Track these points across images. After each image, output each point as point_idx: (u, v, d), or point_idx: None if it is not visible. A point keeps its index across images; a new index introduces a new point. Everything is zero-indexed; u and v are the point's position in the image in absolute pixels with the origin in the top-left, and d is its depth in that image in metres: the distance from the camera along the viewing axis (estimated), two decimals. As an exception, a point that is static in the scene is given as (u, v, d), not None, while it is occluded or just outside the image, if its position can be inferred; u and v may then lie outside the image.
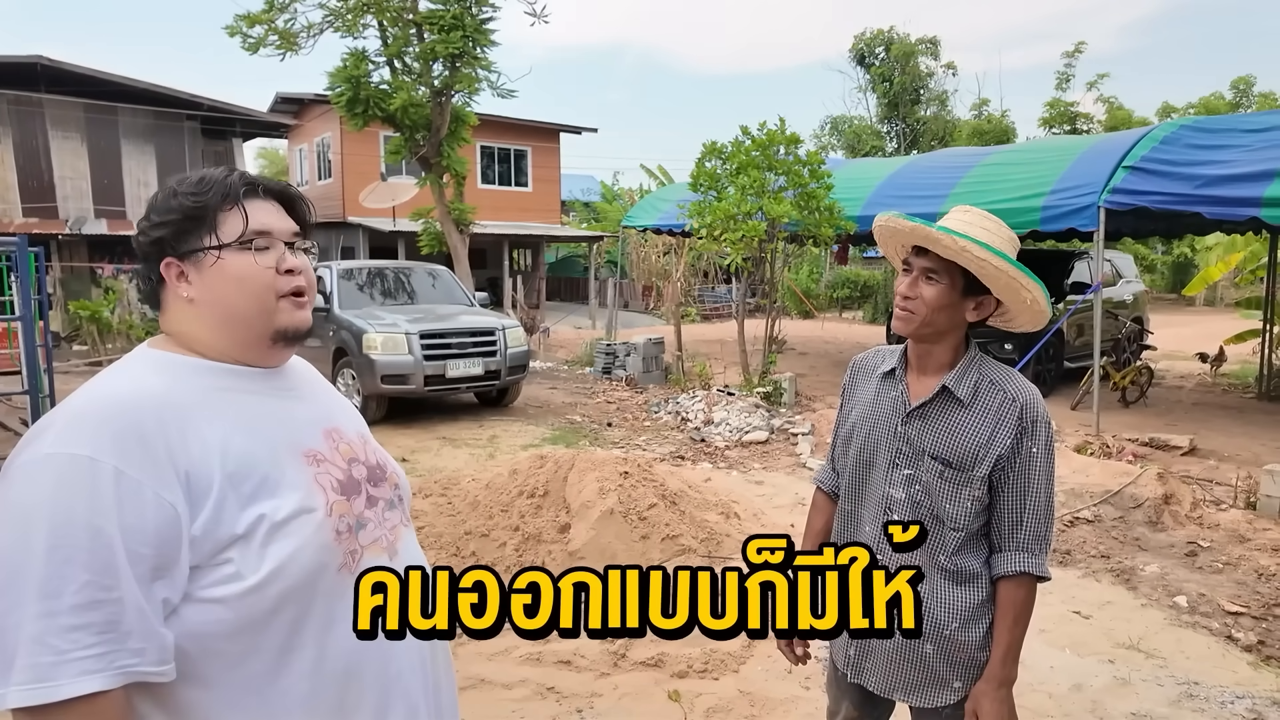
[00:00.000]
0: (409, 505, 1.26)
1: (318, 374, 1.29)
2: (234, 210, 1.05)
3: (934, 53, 28.28)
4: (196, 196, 1.04)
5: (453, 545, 3.96)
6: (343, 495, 1.06)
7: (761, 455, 6.70)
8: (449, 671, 1.23)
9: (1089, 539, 4.52)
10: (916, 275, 1.51)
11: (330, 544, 1.02)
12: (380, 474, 1.17)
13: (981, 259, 1.43)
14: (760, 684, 3.01)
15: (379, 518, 1.12)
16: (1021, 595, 1.50)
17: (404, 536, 1.17)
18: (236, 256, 1.04)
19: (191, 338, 1.07)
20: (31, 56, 14.42)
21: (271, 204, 1.10)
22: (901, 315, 1.53)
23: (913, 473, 1.56)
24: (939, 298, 1.49)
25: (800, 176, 8.95)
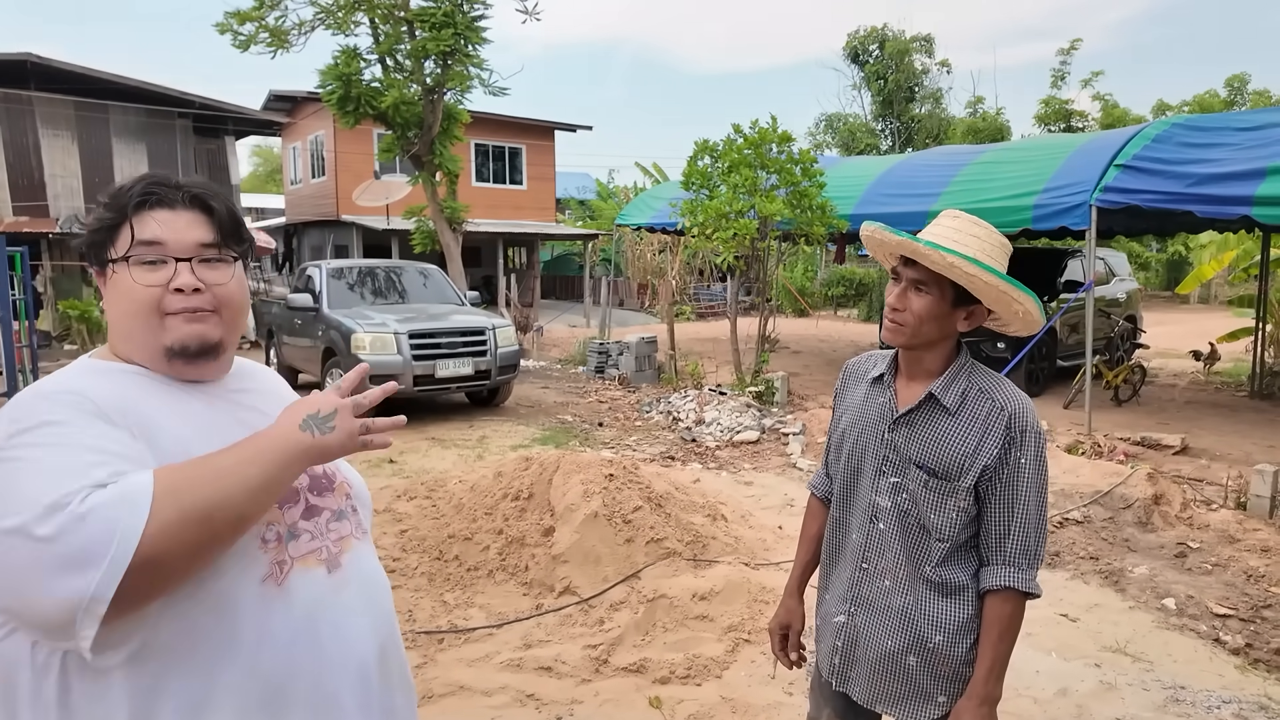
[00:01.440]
0: (368, 516, 1.23)
1: (271, 379, 1.27)
2: (126, 223, 1.03)
3: (928, 50, 28.26)
4: (105, 208, 1.05)
5: (436, 549, 3.92)
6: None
7: (752, 455, 6.67)
8: (406, 692, 1.19)
9: (1078, 540, 4.50)
10: (905, 286, 1.47)
11: (254, 552, 0.99)
12: (326, 483, 1.14)
13: (971, 274, 1.40)
14: (743, 690, 2.98)
15: (319, 528, 1.09)
16: (1008, 611, 1.46)
17: (353, 549, 1.13)
18: (125, 272, 1.03)
19: (114, 343, 1.09)
20: (20, 54, 14.31)
21: (184, 212, 1.06)
22: (890, 327, 1.49)
23: (899, 481, 1.53)
24: (929, 309, 1.45)
25: (792, 175, 8.92)
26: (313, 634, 1.02)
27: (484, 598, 3.62)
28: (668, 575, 3.61)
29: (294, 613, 1.01)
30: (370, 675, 1.09)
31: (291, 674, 1.00)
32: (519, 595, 3.63)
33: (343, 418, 0.97)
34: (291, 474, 0.95)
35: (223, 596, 0.95)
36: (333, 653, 1.04)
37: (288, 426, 0.95)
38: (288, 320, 9.02)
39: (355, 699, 1.06)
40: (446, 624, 3.41)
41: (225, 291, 1.07)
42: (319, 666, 1.02)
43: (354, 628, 1.07)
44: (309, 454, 0.95)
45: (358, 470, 4.03)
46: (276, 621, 0.99)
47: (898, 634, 1.52)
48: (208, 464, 0.90)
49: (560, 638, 3.31)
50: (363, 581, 1.12)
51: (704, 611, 3.42)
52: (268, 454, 0.92)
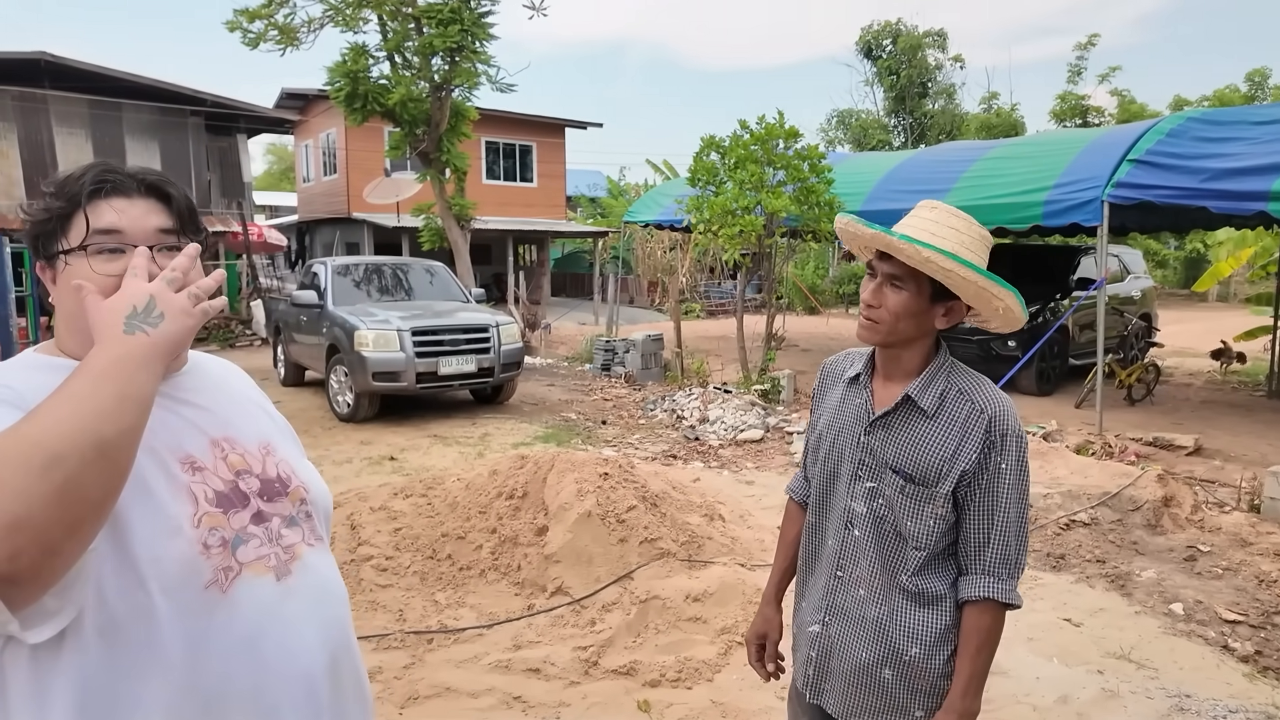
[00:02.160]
0: (325, 522, 1.18)
1: (233, 378, 1.22)
2: (79, 212, 0.98)
3: (942, 45, 27.99)
4: (52, 198, 1.00)
5: (429, 547, 3.89)
6: (218, 508, 0.99)
7: (755, 454, 6.60)
8: (361, 705, 1.14)
9: (1084, 543, 4.40)
10: (881, 282, 1.41)
11: (194, 559, 0.94)
12: (279, 488, 1.09)
13: (948, 270, 1.33)
14: (734, 694, 2.92)
15: (269, 535, 1.04)
16: (986, 622, 1.39)
17: (304, 557, 1.08)
18: (79, 261, 0.98)
19: (61, 339, 1.04)
20: (35, 52, 14.45)
21: (140, 200, 1.02)
22: (865, 324, 1.43)
23: (875, 486, 1.47)
24: (904, 305, 1.39)
25: (799, 170, 8.83)
26: (256, 644, 0.98)
27: (475, 597, 3.58)
28: (661, 576, 3.55)
29: (237, 622, 0.97)
30: (318, 688, 1.04)
31: (230, 684, 0.95)
32: (511, 595, 3.59)
33: (165, 301, 0.88)
34: (145, 381, 0.83)
35: (157, 602, 0.91)
36: (276, 664, 0.99)
37: (112, 337, 0.84)
38: (294, 317, 9.04)
39: (299, 713, 1.01)
40: (437, 624, 3.37)
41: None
42: (260, 678, 0.98)
43: (301, 639, 1.03)
44: (153, 353, 0.85)
45: (357, 466, 3.99)
46: (217, 629, 0.95)
47: (872, 645, 1.46)
48: (44, 405, 0.79)
49: (550, 639, 3.26)
50: (313, 590, 1.08)
51: (697, 613, 3.37)
52: (109, 372, 0.81)
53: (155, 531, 0.92)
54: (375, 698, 2.14)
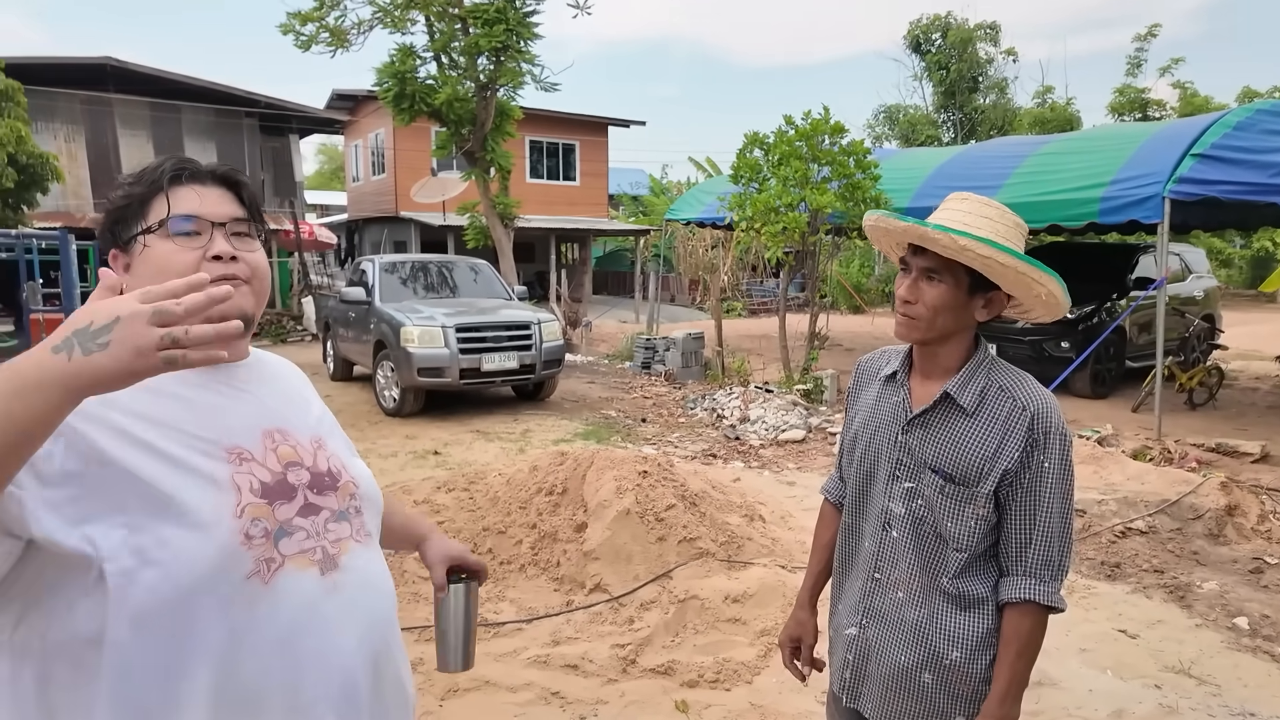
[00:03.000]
0: (376, 518, 1.17)
1: (289, 372, 1.23)
2: (160, 196, 1.02)
3: (993, 39, 27.25)
4: (132, 185, 1.04)
5: (470, 541, 3.93)
6: (263, 498, 0.99)
7: (797, 455, 6.52)
8: (402, 708, 1.13)
9: (1141, 551, 4.24)
10: (916, 276, 1.37)
11: (235, 548, 0.94)
12: (329, 482, 1.09)
13: (986, 257, 1.29)
14: (773, 697, 2.88)
15: (316, 528, 1.04)
16: (1027, 625, 1.35)
17: (351, 551, 1.07)
18: (160, 242, 1.01)
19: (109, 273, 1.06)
20: (101, 58, 15.03)
21: (213, 189, 1.07)
22: (903, 321, 1.39)
23: (913, 486, 1.43)
24: (943, 299, 1.35)
25: (845, 166, 8.70)
26: (296, 639, 0.97)
27: (515, 592, 3.61)
28: (700, 576, 3.53)
29: (278, 615, 0.96)
30: (357, 688, 1.03)
31: (268, 679, 0.95)
32: (550, 591, 3.60)
33: (126, 328, 0.70)
34: (32, 408, 0.70)
35: (193, 593, 0.91)
36: (315, 661, 0.99)
37: (43, 345, 0.72)
38: (342, 313, 9.24)
39: (337, 711, 1.00)
40: (478, 618, 3.40)
41: (255, 259, 1.07)
42: (298, 674, 0.97)
43: (342, 636, 1.02)
44: (61, 382, 0.70)
45: (402, 460, 4.03)
46: (258, 622, 0.95)
47: (911, 649, 1.42)
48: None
49: (589, 635, 3.27)
50: (360, 587, 1.06)
51: (736, 614, 3.34)
52: (5, 379, 0.71)
53: (195, 520, 0.93)
54: (416, 689, 2.18)
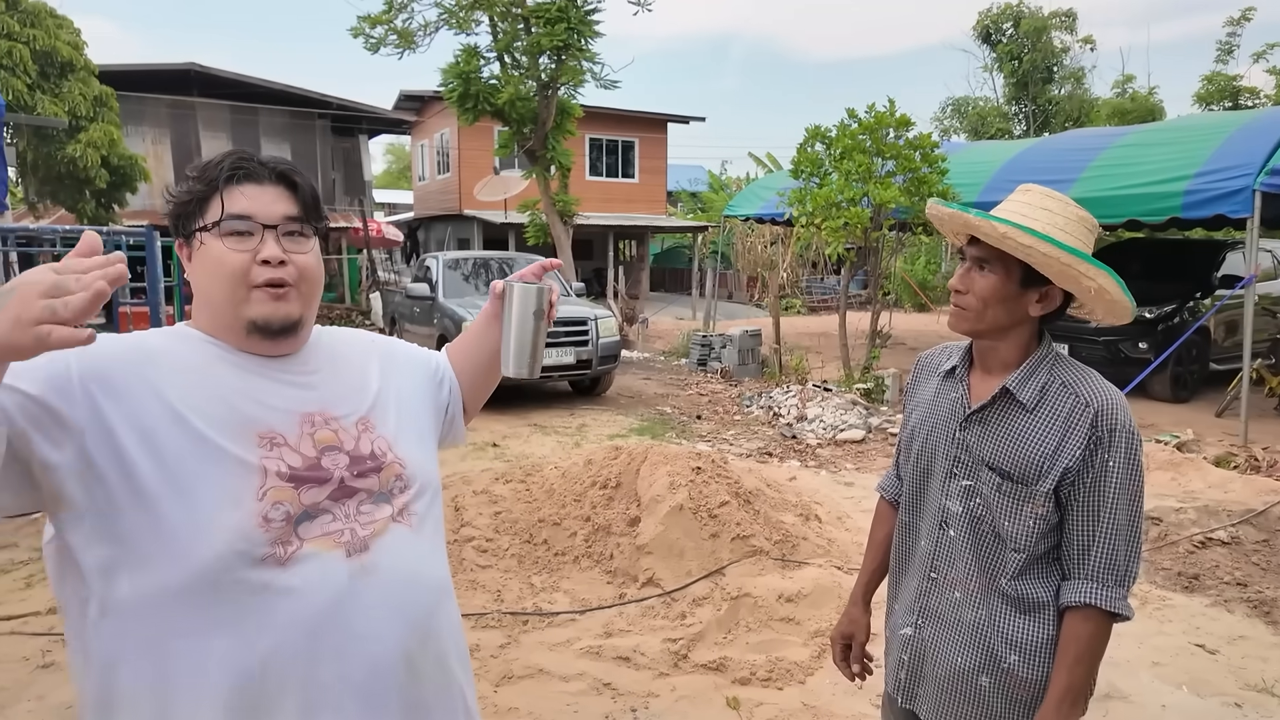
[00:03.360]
0: (429, 501, 1.14)
1: (356, 351, 1.21)
2: (217, 195, 1.04)
3: (1070, 27, 26.08)
4: (193, 181, 1.06)
5: (527, 532, 3.99)
6: (289, 482, 0.99)
7: (855, 455, 6.41)
8: (445, 694, 1.10)
9: (1223, 563, 4.02)
10: (969, 266, 1.36)
11: (251, 530, 0.94)
12: (371, 464, 1.07)
13: (1027, 245, 1.25)
14: (826, 698, 2.85)
15: (347, 511, 1.03)
16: (1087, 631, 1.30)
17: (390, 533, 1.05)
18: (214, 241, 1.03)
19: (195, 315, 1.10)
20: (185, 64, 15.81)
21: (270, 187, 1.07)
22: (954, 311, 1.38)
23: (971, 484, 1.39)
24: (993, 290, 1.32)
25: (910, 160, 8.49)
26: (315, 622, 0.96)
27: (569, 583, 3.66)
28: (753, 574, 3.51)
29: (296, 598, 0.95)
30: (386, 676, 1.00)
31: (280, 659, 0.95)
32: (603, 583, 3.63)
33: (16, 300, 0.69)
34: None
35: (204, 573, 0.92)
36: (336, 644, 0.97)
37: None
38: (408, 308, 9.51)
39: (358, 698, 0.98)
40: (532, 606, 3.46)
41: (305, 262, 1.07)
42: (315, 656, 0.96)
43: (370, 619, 1.00)
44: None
45: (462, 451, 4.08)
46: (273, 604, 0.95)
47: (969, 651, 1.39)
48: None
49: (641, 629, 3.29)
50: (393, 570, 1.04)
51: (790, 614, 3.31)
52: None
53: (216, 502, 0.94)
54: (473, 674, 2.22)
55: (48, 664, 3.01)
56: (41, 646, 3.15)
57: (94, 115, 10.65)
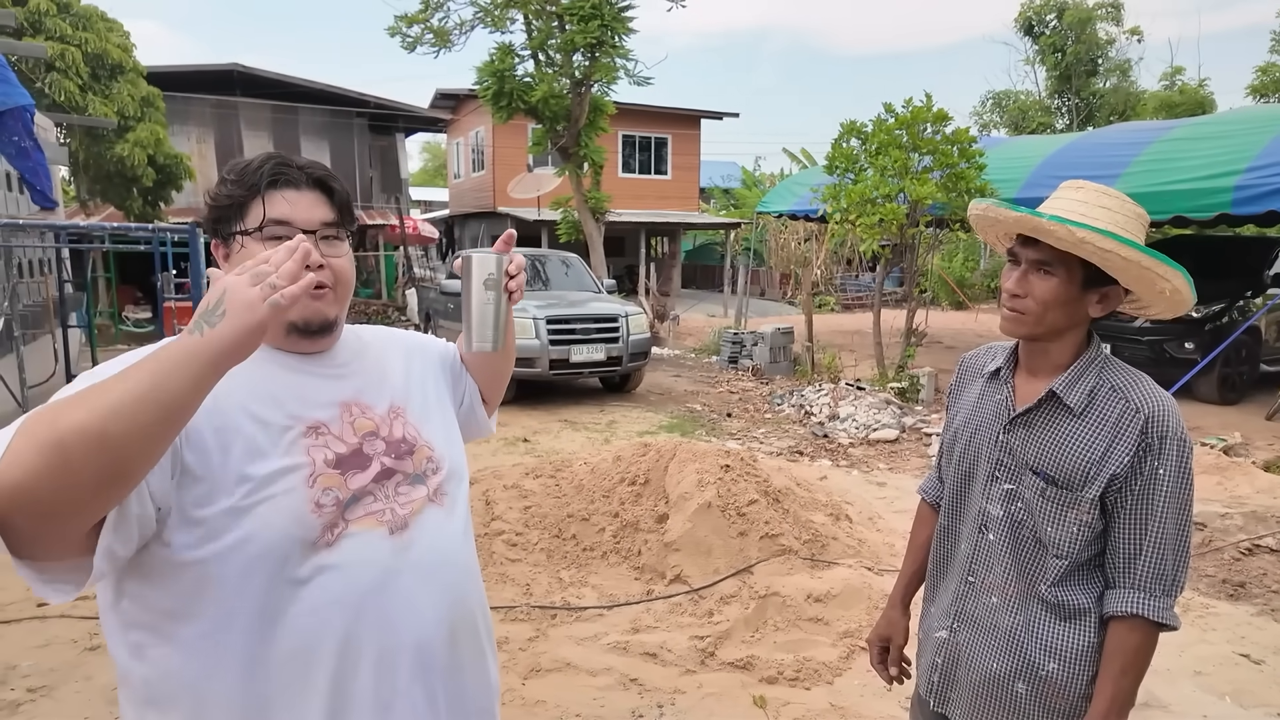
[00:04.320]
0: (457, 484, 1.19)
1: (382, 345, 1.25)
2: (257, 200, 1.07)
3: (1115, 18, 25.34)
4: (233, 185, 1.09)
5: (556, 526, 4.02)
6: (335, 469, 1.04)
7: (889, 455, 6.33)
8: (480, 678, 1.16)
9: (1270, 571, 3.89)
10: (1026, 269, 1.30)
11: (305, 515, 0.99)
12: (404, 448, 1.13)
13: (1107, 250, 1.21)
14: (855, 699, 2.82)
15: (387, 492, 1.08)
16: (1134, 642, 1.26)
17: (426, 512, 1.11)
18: (254, 245, 1.06)
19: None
20: (228, 64, 16.18)
21: (308, 192, 1.10)
22: (1010, 316, 1.33)
23: (1013, 488, 1.37)
24: (1054, 293, 1.27)
25: (948, 155, 8.34)
26: (363, 597, 1.01)
27: (597, 578, 3.67)
28: (782, 573, 3.49)
29: (343, 574, 1.01)
30: (432, 652, 1.07)
31: (328, 635, 0.99)
32: (630, 579, 3.64)
33: (232, 296, 0.81)
34: (180, 385, 0.79)
35: (263, 558, 0.96)
36: (385, 618, 1.02)
37: (181, 334, 0.82)
38: (443, 304, 9.62)
39: (411, 670, 1.04)
40: (561, 600, 3.49)
41: (340, 265, 1.11)
42: (362, 630, 1.01)
43: (417, 596, 1.05)
44: (199, 356, 0.80)
45: (493, 446, 4.12)
46: (323, 581, 0.99)
47: (1005, 656, 1.36)
48: (98, 384, 0.80)
49: (668, 625, 3.29)
50: (431, 548, 1.09)
51: (818, 614, 3.28)
52: (145, 368, 0.79)
53: (273, 491, 0.98)
54: (500, 667, 2.24)
55: (95, 646, 3.12)
56: (89, 629, 3.26)
57: (141, 115, 10.95)
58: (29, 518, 0.76)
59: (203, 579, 0.95)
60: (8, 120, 5.11)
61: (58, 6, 9.86)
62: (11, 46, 5.67)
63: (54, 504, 0.76)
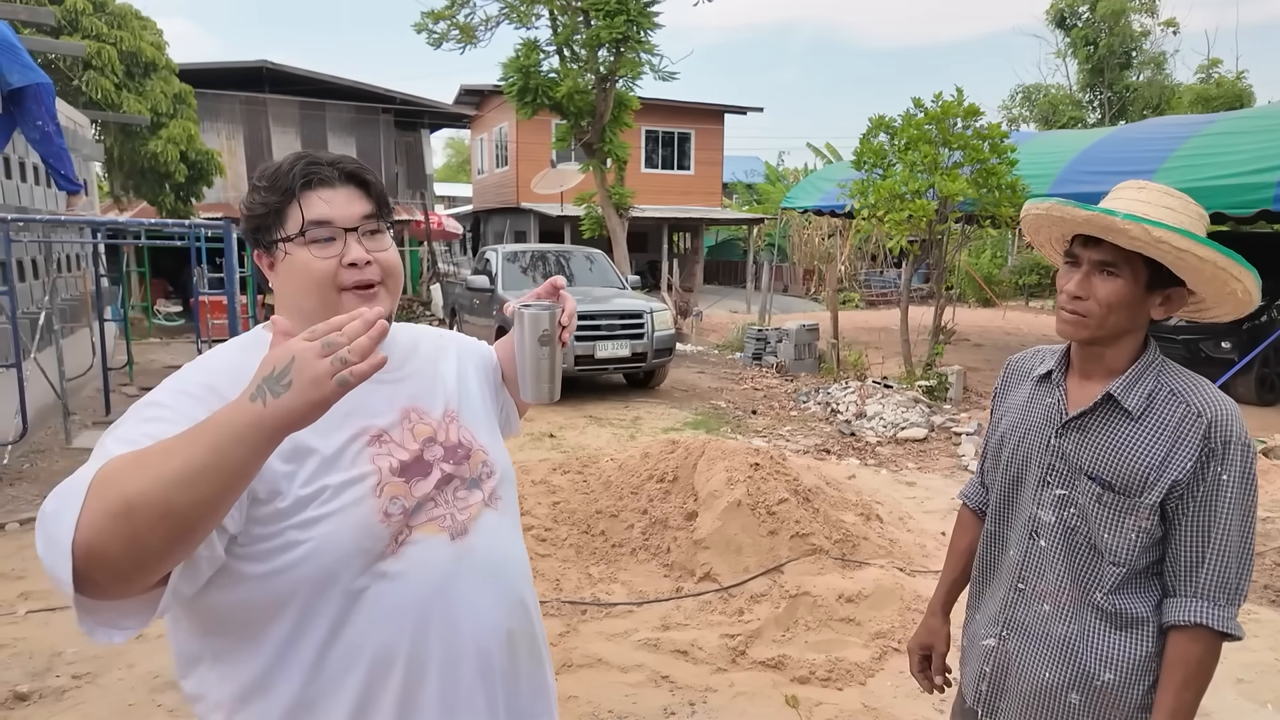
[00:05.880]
0: (508, 488, 1.20)
1: (428, 346, 1.25)
2: (294, 204, 1.05)
3: (1150, 9, 24.85)
4: (266, 192, 1.07)
5: (584, 523, 4.03)
6: (400, 477, 1.04)
7: (917, 454, 6.27)
8: (536, 684, 1.17)
9: (1315, 578, 3.80)
10: (1088, 270, 1.27)
11: (374, 525, 1.00)
12: (461, 453, 1.13)
13: (1183, 250, 1.17)
14: (888, 700, 2.80)
15: (447, 497, 1.08)
16: (1197, 652, 1.23)
17: (483, 516, 1.11)
18: (299, 250, 1.05)
19: (281, 320, 1.12)
20: (257, 61, 16.35)
21: (343, 189, 1.08)
22: (1070, 319, 1.29)
23: (1066, 493, 1.34)
24: (1119, 295, 1.24)
25: (979, 151, 8.24)
26: (428, 603, 1.02)
27: (626, 574, 3.68)
28: (812, 572, 3.47)
29: (407, 580, 1.01)
30: (492, 653, 1.07)
31: (397, 643, 1.00)
32: (659, 576, 3.64)
33: (300, 366, 0.77)
34: (242, 457, 0.78)
35: (334, 568, 0.97)
36: (447, 624, 1.03)
37: (240, 398, 0.79)
38: (468, 300, 9.67)
39: (470, 673, 1.05)
40: (590, 596, 3.50)
41: (387, 259, 1.10)
42: (427, 636, 1.01)
43: (475, 601, 1.06)
44: (260, 428, 0.77)
45: (520, 441, 4.13)
46: (387, 589, 1.00)
47: (1058, 666, 1.33)
48: (158, 448, 0.79)
49: (698, 623, 3.29)
50: (490, 553, 1.10)
51: (850, 614, 3.26)
52: (206, 436, 0.78)
53: (342, 503, 0.98)
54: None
55: (136, 635, 3.17)
56: (129, 618, 3.32)
57: (174, 112, 11.12)
58: (105, 574, 0.78)
59: (271, 593, 0.96)
60: (28, 102, 5.12)
61: (93, 5, 10.03)
62: (52, 45, 5.77)
63: (125, 565, 0.78)
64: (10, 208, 6.27)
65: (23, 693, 2.74)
